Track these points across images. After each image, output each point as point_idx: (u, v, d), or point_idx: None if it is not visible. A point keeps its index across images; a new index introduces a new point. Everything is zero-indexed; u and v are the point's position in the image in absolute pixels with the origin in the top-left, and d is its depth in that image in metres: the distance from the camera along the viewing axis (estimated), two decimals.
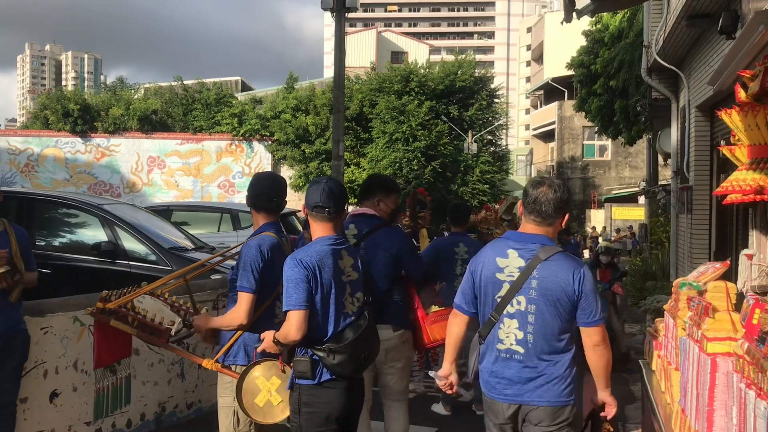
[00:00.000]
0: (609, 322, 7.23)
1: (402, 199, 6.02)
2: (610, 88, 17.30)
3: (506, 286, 3.04)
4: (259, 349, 3.32)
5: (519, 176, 41.88)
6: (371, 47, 51.45)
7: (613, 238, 27.05)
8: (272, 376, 3.39)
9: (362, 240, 4.13)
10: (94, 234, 7.13)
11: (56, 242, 7.43)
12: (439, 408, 6.22)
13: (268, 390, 3.41)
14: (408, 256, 4.30)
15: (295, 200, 26.23)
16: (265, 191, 3.67)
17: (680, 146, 9.61)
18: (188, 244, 8.03)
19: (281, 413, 3.41)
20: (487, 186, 26.55)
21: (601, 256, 8.78)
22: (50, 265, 6.60)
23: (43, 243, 7.10)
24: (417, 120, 25.63)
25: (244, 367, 3.49)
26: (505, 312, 3.03)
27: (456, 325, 3.28)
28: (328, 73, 69.77)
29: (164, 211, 10.31)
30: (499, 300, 3.05)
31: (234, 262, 3.73)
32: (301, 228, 10.36)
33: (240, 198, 26.34)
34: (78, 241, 7.42)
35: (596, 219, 34.06)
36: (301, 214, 5.37)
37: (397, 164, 25.39)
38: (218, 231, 10.72)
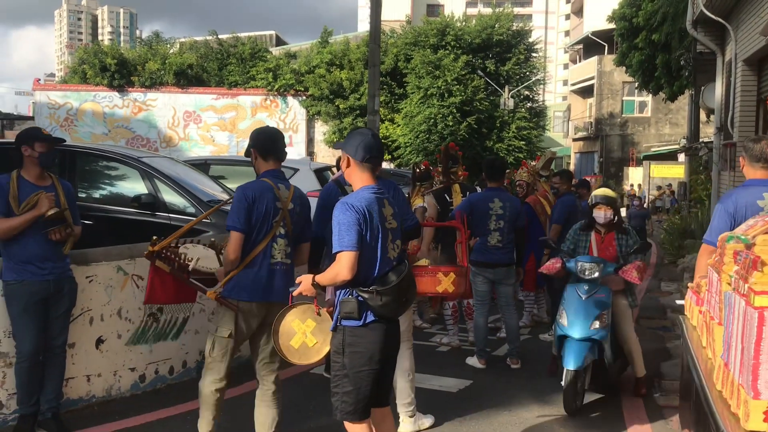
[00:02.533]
0: (616, 332, 5.40)
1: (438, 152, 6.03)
2: (653, 42, 16.83)
3: None
4: (295, 293, 3.46)
5: (556, 132, 41.27)
6: (407, 0, 50.60)
7: (652, 197, 26.64)
8: (307, 319, 3.53)
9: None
10: (134, 186, 7.22)
11: (97, 194, 7.54)
12: (473, 361, 6.27)
13: (303, 332, 3.54)
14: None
15: (329, 156, 26.26)
16: (262, 143, 4.02)
17: (725, 101, 9.36)
18: (225, 197, 8.11)
19: (316, 354, 3.56)
20: (524, 143, 26.19)
21: (598, 212, 5.44)
22: (92, 216, 6.71)
23: (84, 195, 7.21)
24: (453, 75, 25.26)
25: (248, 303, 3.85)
26: None
27: (705, 258, 3.70)
28: (363, 27, 69.08)
29: (202, 165, 10.37)
30: None
31: None
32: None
33: None
34: (118, 193, 7.52)
35: (634, 177, 33.48)
36: (337, 169, 5.43)
37: (432, 120, 25.15)
38: None
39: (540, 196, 8.21)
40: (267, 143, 4.04)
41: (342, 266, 3.18)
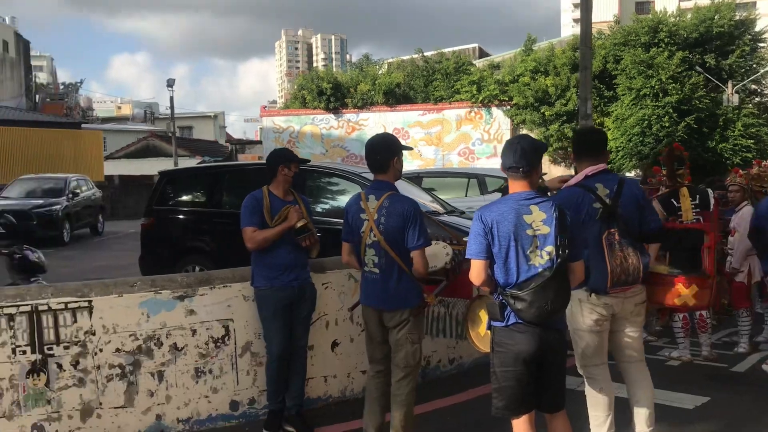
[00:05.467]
0: None
1: (655, 155, 5.62)
2: None
3: None
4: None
5: None
6: (614, 1, 48.52)
7: None
8: None
9: (618, 197, 4.02)
10: None
11: (322, 208, 8.09)
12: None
13: (486, 322, 3.70)
14: (649, 207, 4.21)
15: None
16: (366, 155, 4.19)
17: None
18: (439, 208, 8.32)
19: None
20: (752, 141, 23.88)
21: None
22: (320, 229, 7.23)
23: (313, 209, 7.79)
24: (667, 73, 23.76)
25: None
26: None
27: None
28: (566, 31, 67.12)
29: (415, 178, 10.76)
30: None
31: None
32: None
33: (480, 164, 26.59)
34: (341, 207, 8.02)
35: None
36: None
37: (646, 122, 23.82)
38: (465, 196, 10.95)
39: None
40: (365, 156, 4.21)
41: (471, 272, 3.49)
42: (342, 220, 6.98)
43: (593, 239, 3.94)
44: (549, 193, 4.30)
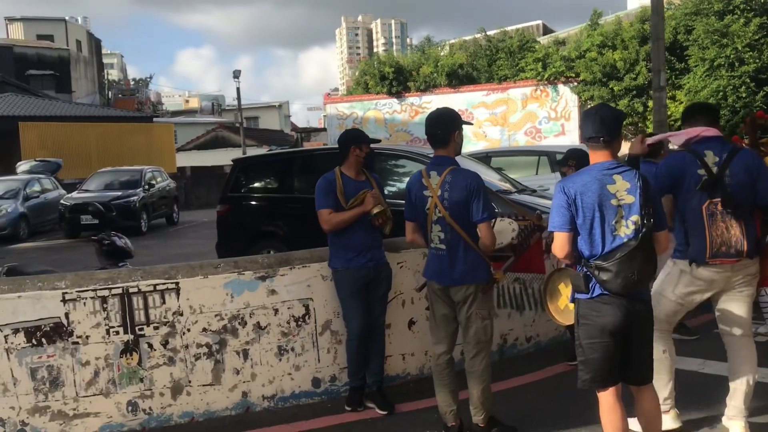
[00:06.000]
0: None
1: (731, 127, 5.38)
2: None
3: None
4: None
5: None
6: None
7: None
8: (569, 284, 3.64)
9: (726, 166, 3.87)
10: None
11: (390, 191, 8.13)
12: None
13: (567, 295, 3.73)
14: (765, 177, 3.94)
15: None
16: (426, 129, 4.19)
17: None
18: (510, 187, 8.25)
19: (573, 317, 3.62)
20: None
21: None
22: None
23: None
24: (744, 41, 22.71)
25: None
26: None
27: None
28: (632, 4, 64.87)
29: (484, 158, 10.69)
30: None
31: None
32: None
33: (548, 143, 26.15)
34: None
35: None
36: None
37: (721, 93, 22.87)
38: (536, 173, 10.82)
39: None
40: (426, 130, 4.19)
41: (554, 245, 3.48)
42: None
43: (695, 207, 3.84)
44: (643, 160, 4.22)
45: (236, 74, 36.03)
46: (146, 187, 17.88)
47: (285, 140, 43.90)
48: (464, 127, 4.29)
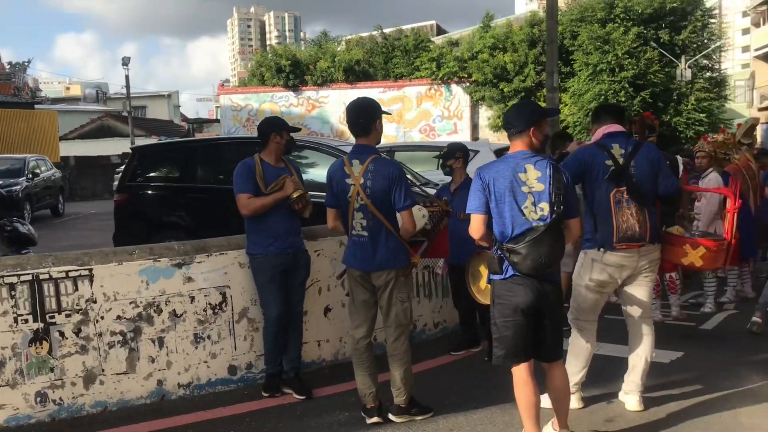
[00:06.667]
0: None
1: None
2: None
3: None
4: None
5: (738, 103, 38.18)
6: None
7: None
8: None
9: (631, 158, 4.20)
10: None
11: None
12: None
13: (486, 276, 3.93)
14: (665, 170, 4.30)
15: (493, 140, 26.15)
16: (347, 119, 4.24)
17: None
18: (413, 180, 8.47)
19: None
20: (704, 115, 24.52)
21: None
22: None
23: None
24: (623, 48, 24.18)
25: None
26: None
27: None
28: (520, 9, 67.20)
29: (388, 152, 10.86)
30: None
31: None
32: None
33: (438, 141, 26.79)
34: (319, 179, 8.10)
35: None
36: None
37: (602, 97, 24.23)
38: (437, 168, 11.09)
39: (741, 165, 7.80)
40: (347, 119, 4.28)
41: (471, 226, 3.70)
42: (317, 193, 7.09)
43: (603, 196, 4.14)
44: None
45: (125, 61, 34.64)
46: (30, 176, 16.91)
47: (175, 131, 42.58)
48: None
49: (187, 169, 8.73)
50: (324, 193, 4.44)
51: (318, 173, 8.06)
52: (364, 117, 4.22)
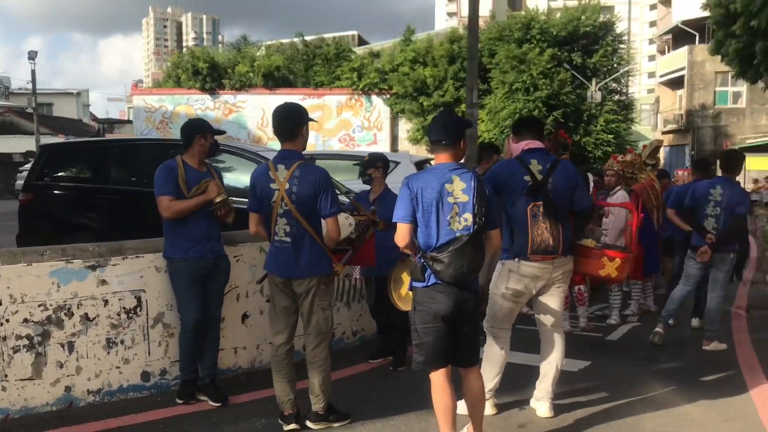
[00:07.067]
0: None
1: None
2: (751, 28, 16.24)
3: None
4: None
5: (643, 126, 40.16)
6: None
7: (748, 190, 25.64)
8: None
9: (549, 174, 4.34)
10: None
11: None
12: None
13: (408, 284, 4.04)
14: (581, 187, 4.48)
15: (412, 152, 26.49)
16: (273, 123, 4.24)
17: None
18: (339, 188, 8.49)
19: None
20: (612, 136, 25.66)
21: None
22: None
23: None
24: (538, 69, 25.03)
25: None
26: None
27: None
28: (440, 24, 68.46)
29: (308, 160, 10.79)
30: None
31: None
32: None
33: (359, 151, 26.91)
34: (239, 185, 7.99)
35: None
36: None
37: (517, 115, 24.98)
38: (357, 178, 11.14)
39: (646, 184, 8.21)
40: (273, 123, 4.25)
41: (397, 235, 3.75)
42: (238, 199, 7.01)
43: (520, 209, 4.27)
44: None
45: (32, 55, 33.18)
46: None
47: (84, 131, 40.98)
48: None
49: (101, 169, 8.45)
50: (245, 199, 4.38)
51: (238, 178, 7.98)
52: (292, 122, 4.20)
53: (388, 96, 28.24)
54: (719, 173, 6.81)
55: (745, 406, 4.90)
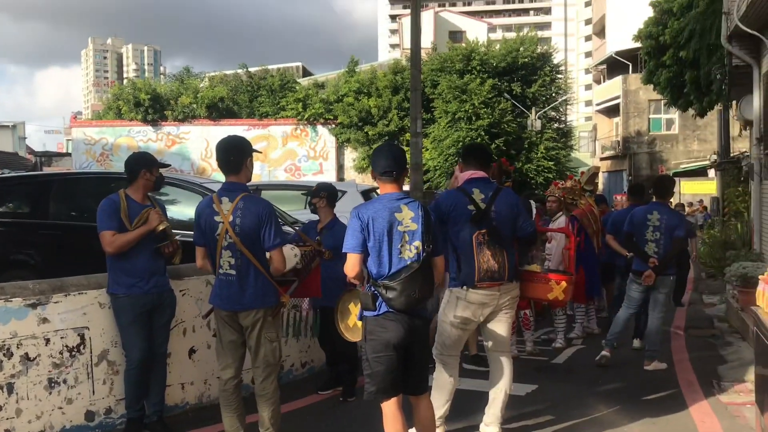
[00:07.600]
0: None
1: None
2: (680, 59, 17.02)
3: None
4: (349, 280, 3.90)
5: (582, 153, 41.34)
6: (429, 28, 51.27)
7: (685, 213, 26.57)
8: (359, 303, 3.94)
9: (492, 202, 4.45)
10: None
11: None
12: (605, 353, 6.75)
13: (356, 314, 4.07)
14: (523, 213, 4.60)
15: (358, 181, 26.65)
16: (217, 156, 4.24)
17: (764, 112, 9.56)
18: (284, 219, 8.47)
19: (360, 335, 3.93)
20: (552, 163, 26.41)
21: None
22: None
23: None
24: (479, 98, 25.65)
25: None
26: None
27: None
28: (383, 56, 69.39)
29: (255, 190, 10.77)
30: None
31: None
32: None
33: (306, 180, 26.90)
34: (184, 218, 7.90)
35: None
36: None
37: (460, 143, 25.48)
38: (305, 207, 11.15)
39: (586, 210, 8.45)
40: (217, 156, 4.26)
41: (346, 265, 3.76)
42: (183, 232, 6.95)
43: (465, 238, 4.36)
44: None
45: None
46: None
47: (21, 164, 39.66)
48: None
49: (40, 204, 8.24)
50: (189, 232, 4.34)
51: (182, 211, 7.89)
52: (235, 155, 4.20)
53: (334, 126, 28.43)
54: (654, 199, 7.07)
55: (685, 422, 5.07)
